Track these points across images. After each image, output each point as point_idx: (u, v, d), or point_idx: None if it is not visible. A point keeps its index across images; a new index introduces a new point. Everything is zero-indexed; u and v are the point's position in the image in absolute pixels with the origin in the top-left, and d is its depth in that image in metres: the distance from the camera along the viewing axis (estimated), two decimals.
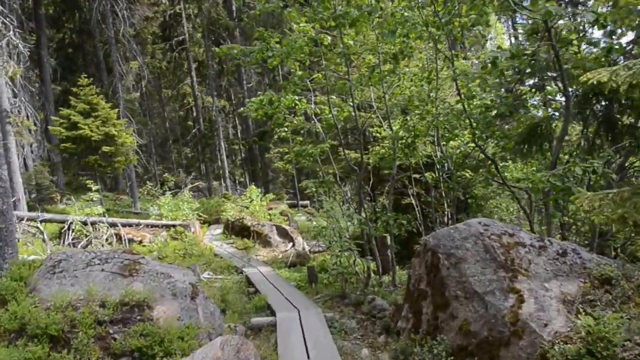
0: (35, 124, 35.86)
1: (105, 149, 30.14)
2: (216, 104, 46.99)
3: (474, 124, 12.31)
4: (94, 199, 22.90)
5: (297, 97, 15.33)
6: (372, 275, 15.14)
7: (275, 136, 16.70)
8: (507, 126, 14.75)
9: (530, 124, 12.04)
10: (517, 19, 38.99)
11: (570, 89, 11.52)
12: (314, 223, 32.08)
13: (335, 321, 11.81)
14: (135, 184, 38.79)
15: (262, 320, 12.07)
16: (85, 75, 31.93)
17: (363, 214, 14.90)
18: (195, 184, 48.17)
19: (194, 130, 51.92)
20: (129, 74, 42.19)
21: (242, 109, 15.08)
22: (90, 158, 30.03)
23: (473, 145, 13.95)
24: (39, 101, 40.84)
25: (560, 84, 11.98)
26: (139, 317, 8.21)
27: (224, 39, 47.94)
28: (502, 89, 12.47)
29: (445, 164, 15.76)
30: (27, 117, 35.46)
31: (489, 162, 13.28)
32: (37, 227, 20.73)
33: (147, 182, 37.49)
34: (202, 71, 51.63)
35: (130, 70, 43.21)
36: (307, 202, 43.49)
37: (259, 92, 16.78)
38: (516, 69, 12.11)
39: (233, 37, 47.42)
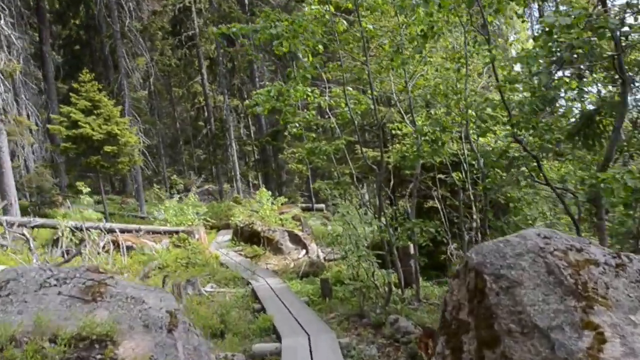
0: (37, 124, 34.45)
1: (107, 148, 28.59)
2: (227, 102, 45.31)
3: (515, 114, 10.37)
4: (85, 202, 21.22)
5: (309, 89, 13.60)
6: (393, 289, 13.36)
7: (286, 132, 14.78)
8: (544, 119, 12.91)
9: (586, 113, 10.18)
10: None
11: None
12: (329, 228, 30.43)
13: (352, 348, 10.03)
14: (142, 186, 37.21)
15: (265, 347, 10.31)
16: (87, 71, 30.36)
17: (383, 220, 13.06)
18: (206, 186, 46.62)
19: (204, 131, 50.28)
20: (135, 70, 40.61)
21: (247, 101, 13.24)
22: (91, 159, 28.48)
23: (510, 140, 12.04)
24: (42, 99, 39.38)
25: (613, 69, 10.12)
26: (99, 356, 6.43)
27: (235, 34, 46.09)
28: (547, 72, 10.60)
29: (476, 163, 14.04)
30: (28, 116, 34.06)
31: (528, 159, 11.38)
32: (23, 234, 19.08)
33: (155, 184, 35.86)
34: (214, 69, 50.00)
35: (137, 67, 41.69)
36: (323, 205, 41.75)
37: (266, 83, 14.92)
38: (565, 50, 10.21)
39: None
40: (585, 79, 12.41)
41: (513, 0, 10.24)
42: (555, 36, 8.29)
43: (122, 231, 22.10)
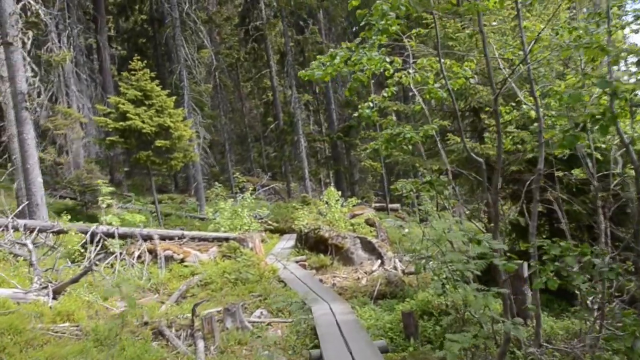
0: (90, 118, 31.16)
1: (158, 143, 24.80)
2: (295, 94, 41.24)
3: None
4: (105, 204, 17.31)
5: (387, 59, 9.26)
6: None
7: (356, 113, 10.35)
8: None
9: None
10: None
11: None
12: (406, 230, 26.06)
13: None
14: (202, 185, 33.41)
15: None
16: (139, 58, 26.62)
17: (499, 241, 8.37)
18: (272, 184, 42.80)
19: (271, 126, 46.43)
20: (197, 61, 36.84)
21: (301, 72, 8.88)
22: (141, 154, 24.73)
23: None
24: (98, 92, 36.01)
25: None
26: None
27: (304, 21, 42.39)
28: None
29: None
30: (79, 108, 30.77)
31: None
32: (25, 244, 15.21)
33: (217, 183, 32.15)
34: (284, 62, 46.30)
35: (201, 59, 38.02)
36: (397, 205, 37.53)
37: (331, 50, 10.41)
38: None
39: (316, 19, 41.91)
40: None
41: None
42: None
43: (163, 238, 18.23)
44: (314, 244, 21.10)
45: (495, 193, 8.68)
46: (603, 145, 11.71)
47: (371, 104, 10.41)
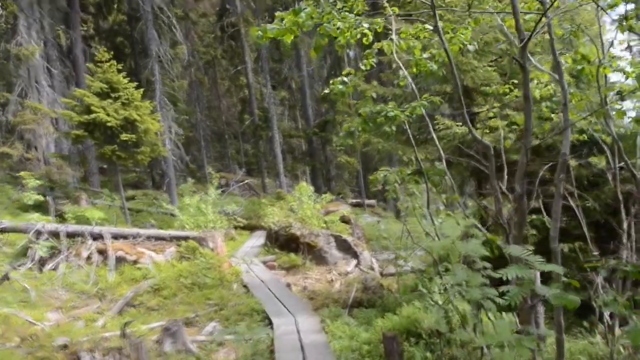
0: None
1: (124, 137, 21.81)
2: (269, 89, 38.49)
3: None
4: (26, 201, 14.30)
5: (365, 22, 6.59)
6: None
7: (332, 94, 7.41)
8: None
9: None
10: None
11: None
12: (382, 227, 23.39)
13: None
14: (174, 180, 30.43)
15: None
16: (105, 50, 23.59)
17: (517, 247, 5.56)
18: (246, 180, 39.96)
19: (247, 122, 43.62)
20: (175, 59, 33.93)
21: (253, 28, 5.94)
22: (106, 148, 21.74)
23: None
24: (69, 86, 32.85)
25: None
26: None
27: None
28: None
29: None
30: (50, 104, 27.88)
31: None
32: None
33: (190, 179, 29.29)
34: (259, 58, 43.67)
35: (177, 55, 35.15)
36: (374, 201, 34.91)
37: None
38: None
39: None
40: None
41: None
42: None
43: (116, 237, 15.30)
44: (284, 242, 18.44)
45: (521, 185, 5.84)
46: (622, 131, 9.21)
47: (345, 79, 7.60)
